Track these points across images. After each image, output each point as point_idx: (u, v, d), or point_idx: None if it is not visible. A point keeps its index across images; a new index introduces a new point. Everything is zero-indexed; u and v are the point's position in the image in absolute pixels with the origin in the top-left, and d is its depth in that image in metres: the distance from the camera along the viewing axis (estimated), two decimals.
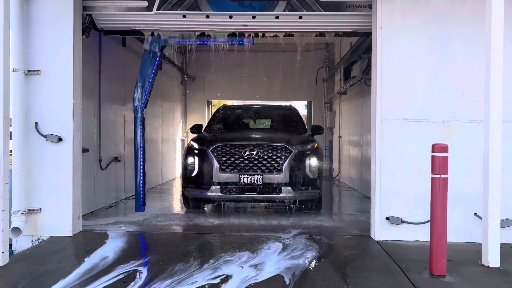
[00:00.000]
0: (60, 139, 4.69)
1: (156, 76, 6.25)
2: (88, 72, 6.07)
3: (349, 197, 8.50)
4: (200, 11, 5.13)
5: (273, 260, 3.95)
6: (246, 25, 5.29)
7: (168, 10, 5.12)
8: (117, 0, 5.15)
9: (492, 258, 3.80)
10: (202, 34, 5.51)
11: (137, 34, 5.80)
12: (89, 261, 3.89)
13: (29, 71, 4.66)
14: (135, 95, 6.10)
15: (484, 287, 3.35)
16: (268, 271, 3.65)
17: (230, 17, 5.18)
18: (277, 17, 5.15)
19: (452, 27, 4.68)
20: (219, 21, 5.26)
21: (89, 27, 5.30)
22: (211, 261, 3.90)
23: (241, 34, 5.53)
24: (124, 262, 3.89)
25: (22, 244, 4.67)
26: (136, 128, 6.13)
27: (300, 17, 5.14)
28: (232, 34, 5.48)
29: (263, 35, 5.47)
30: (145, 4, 5.10)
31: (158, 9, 5.09)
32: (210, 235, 4.95)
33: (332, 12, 5.09)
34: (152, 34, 5.58)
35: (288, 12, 5.12)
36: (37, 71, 4.68)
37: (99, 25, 5.43)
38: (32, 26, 4.68)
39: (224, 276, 3.52)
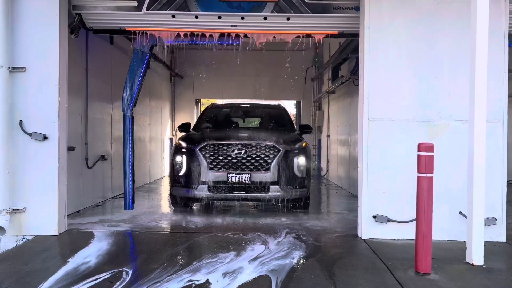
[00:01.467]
0: (45, 137, 4.63)
1: (146, 76, 6.20)
2: (75, 70, 6.01)
3: (337, 196, 8.55)
4: (189, 11, 5.17)
5: (259, 260, 3.95)
6: (235, 26, 5.33)
7: (158, 10, 5.15)
8: (106, 0, 5.16)
9: (476, 256, 3.86)
10: (191, 34, 5.49)
11: (127, 33, 5.78)
12: (74, 261, 3.85)
13: (13, 68, 4.58)
14: (124, 94, 6.07)
15: (468, 285, 3.40)
16: (254, 271, 3.64)
17: (219, 17, 5.24)
18: (265, 18, 5.22)
19: (438, 27, 4.73)
20: (208, 22, 5.31)
21: (78, 26, 5.30)
22: (194, 263, 3.89)
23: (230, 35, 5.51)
24: (109, 262, 3.86)
25: (7, 243, 4.60)
26: (125, 127, 6.12)
27: (288, 18, 5.22)
28: (221, 34, 5.49)
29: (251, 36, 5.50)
30: (135, 3, 5.13)
31: (147, 9, 5.12)
32: (197, 235, 4.93)
33: (319, 14, 5.18)
34: (141, 34, 5.56)
35: (276, 14, 5.19)
36: (22, 68, 4.61)
37: (88, 24, 5.43)
38: (17, 22, 4.60)
39: (208, 277, 3.51)
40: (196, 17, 5.21)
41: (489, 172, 4.25)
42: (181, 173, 6.02)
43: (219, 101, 14.04)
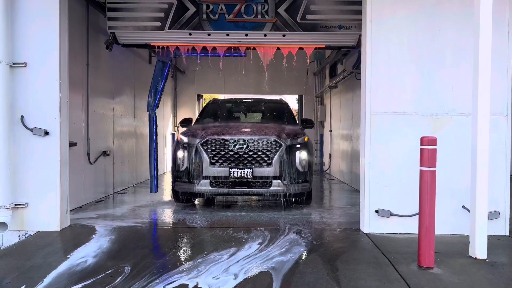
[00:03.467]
0: (46, 133, 4.62)
1: (167, 81, 7.65)
2: (76, 65, 5.99)
3: (339, 190, 8.53)
4: (203, 30, 6.28)
5: (260, 255, 3.94)
6: (240, 41, 6.43)
7: (177, 29, 6.24)
8: (135, 21, 6.26)
9: (479, 250, 3.84)
10: (204, 48, 6.62)
11: (151, 47, 6.81)
12: (76, 256, 3.86)
13: (14, 63, 4.57)
14: (149, 99, 7.30)
15: (471, 279, 3.38)
16: (256, 266, 3.64)
17: (227, 35, 6.33)
18: (265, 35, 6.34)
19: (441, 19, 4.68)
20: (218, 38, 6.38)
21: (112, 42, 6.51)
22: (195, 259, 3.88)
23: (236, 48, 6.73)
24: (111, 257, 3.86)
25: (9, 239, 4.60)
26: (150, 124, 7.31)
27: (284, 35, 6.34)
28: (229, 48, 6.64)
29: (254, 49, 6.73)
30: (158, 24, 6.21)
31: (169, 28, 6.22)
32: (199, 230, 4.93)
33: (309, 31, 6.28)
34: (163, 48, 6.61)
35: (274, 32, 6.31)
36: (22, 63, 4.59)
37: (120, 40, 6.50)
38: (16, 17, 4.58)
39: (209, 274, 3.51)
40: (209, 34, 6.33)
41: (492, 166, 4.23)
42: (183, 168, 6.01)
43: (221, 96, 14.00)
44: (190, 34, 6.29)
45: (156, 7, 6.22)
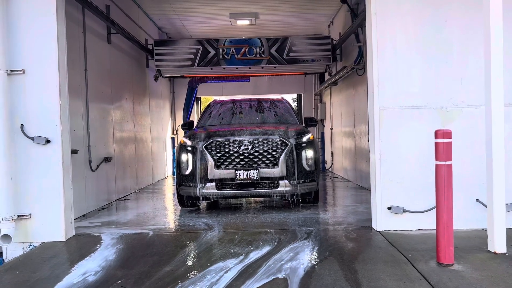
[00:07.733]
0: (48, 141, 4.49)
1: (195, 100, 11.96)
2: (74, 70, 5.87)
3: (345, 188, 8.43)
4: (220, 66, 9.83)
5: (273, 258, 3.83)
6: (246, 72, 10.04)
7: (203, 66, 9.75)
8: (174, 61, 9.80)
9: (498, 244, 3.75)
10: (221, 77, 10.59)
11: (184, 77, 11.02)
12: (84, 267, 3.73)
13: (12, 71, 4.44)
14: (183, 113, 11.52)
15: (494, 274, 3.28)
16: (270, 270, 3.53)
17: (237, 68, 9.87)
18: (262, 67, 9.88)
19: (447, 10, 4.59)
20: (230, 71, 9.89)
21: (158, 76, 10.10)
22: (208, 263, 3.77)
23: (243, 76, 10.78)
24: (120, 266, 3.74)
25: (13, 251, 4.48)
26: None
27: (275, 67, 9.88)
28: (237, 76, 10.59)
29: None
30: (190, 63, 9.77)
31: (197, 65, 9.77)
32: (207, 235, 4.81)
33: (292, 64, 9.83)
34: (192, 78, 10.54)
35: (268, 65, 9.84)
36: (20, 70, 4.46)
37: (163, 74, 10.10)
38: (13, 23, 4.45)
39: (224, 279, 3.40)
40: (224, 68, 9.87)
41: (505, 158, 4.12)
42: (188, 172, 5.89)
43: (219, 98, 13.86)
44: (211, 68, 9.85)
45: (188, 52, 9.83)
